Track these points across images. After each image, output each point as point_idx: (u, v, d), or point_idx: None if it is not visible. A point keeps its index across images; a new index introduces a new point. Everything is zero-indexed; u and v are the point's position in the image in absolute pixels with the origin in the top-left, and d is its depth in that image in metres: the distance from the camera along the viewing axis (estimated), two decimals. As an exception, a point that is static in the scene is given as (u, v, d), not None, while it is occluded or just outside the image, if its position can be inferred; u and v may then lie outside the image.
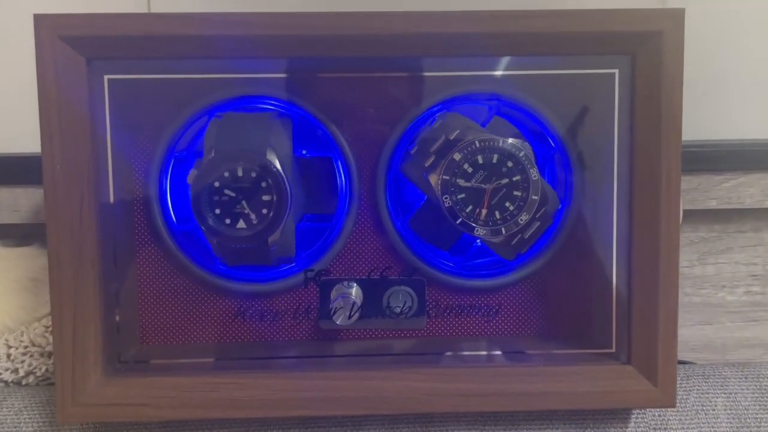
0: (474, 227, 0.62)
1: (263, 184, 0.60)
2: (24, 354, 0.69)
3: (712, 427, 0.66)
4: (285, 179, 0.60)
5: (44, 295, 0.72)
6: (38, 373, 0.69)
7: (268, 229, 0.61)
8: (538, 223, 0.63)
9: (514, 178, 0.61)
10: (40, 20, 0.57)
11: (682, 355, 0.78)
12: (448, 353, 0.65)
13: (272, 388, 0.61)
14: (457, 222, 0.62)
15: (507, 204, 0.62)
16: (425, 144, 0.63)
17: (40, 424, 0.64)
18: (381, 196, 0.64)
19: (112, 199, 0.62)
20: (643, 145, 0.61)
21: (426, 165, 0.62)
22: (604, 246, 0.64)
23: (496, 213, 0.62)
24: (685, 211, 0.77)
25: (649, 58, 0.60)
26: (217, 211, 0.60)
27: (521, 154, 0.61)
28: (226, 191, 0.60)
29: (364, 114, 0.64)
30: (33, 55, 0.58)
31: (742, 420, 0.67)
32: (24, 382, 0.69)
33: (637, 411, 0.66)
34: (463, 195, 0.61)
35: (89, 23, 0.58)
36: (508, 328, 0.66)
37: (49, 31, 0.57)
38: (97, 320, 0.61)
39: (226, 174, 0.60)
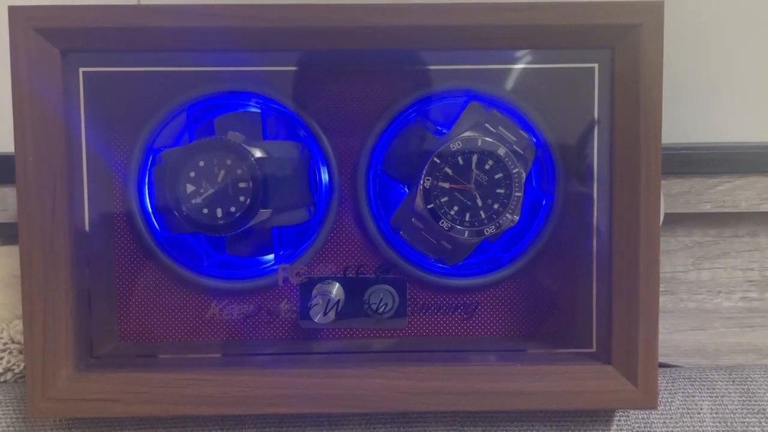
0: (428, 183, 0.61)
1: (231, 209, 0.61)
2: (3, 351, 0.69)
3: (698, 431, 0.65)
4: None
5: (26, 292, 0.72)
6: (16, 370, 0.69)
7: (188, 222, 0.61)
8: (449, 248, 0.63)
9: (495, 205, 0.61)
10: (14, 12, 0.58)
11: (673, 360, 0.77)
12: (426, 352, 0.65)
13: (247, 384, 0.61)
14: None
15: (467, 214, 0.62)
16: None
17: (13, 419, 0.64)
18: (362, 193, 0.64)
19: (86, 195, 0.62)
20: (622, 140, 0.60)
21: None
22: (584, 245, 0.63)
23: (454, 207, 0.61)
24: (679, 215, 0.77)
25: (628, 51, 0.59)
26: (201, 163, 0.61)
27: (509, 221, 0.61)
28: (221, 172, 0.60)
29: (346, 110, 0.64)
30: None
31: (728, 423, 0.66)
32: (2, 379, 0.69)
33: (620, 413, 0.66)
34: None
35: (64, 14, 0.58)
36: (488, 328, 0.66)
37: (24, 22, 0.57)
38: (68, 316, 0.60)
39: (240, 169, 0.60)
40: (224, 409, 0.61)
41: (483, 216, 0.61)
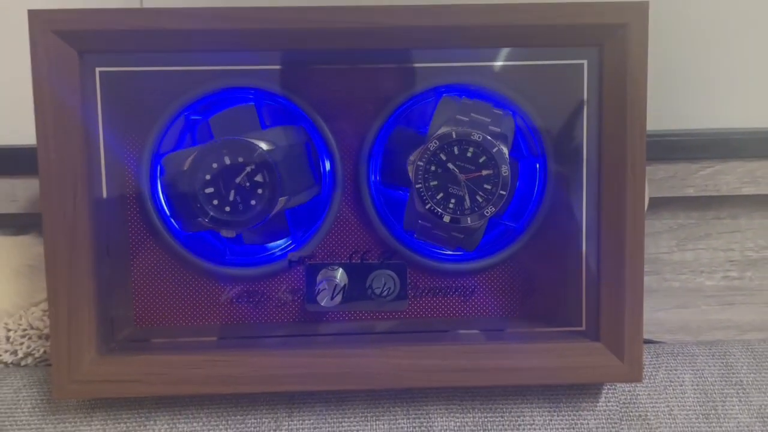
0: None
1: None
2: (23, 336, 0.71)
3: (680, 402, 0.68)
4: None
5: (40, 281, 0.74)
6: (36, 355, 0.71)
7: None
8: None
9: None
10: (33, 15, 0.60)
11: (658, 337, 0.80)
12: (426, 332, 0.67)
13: (259, 365, 0.63)
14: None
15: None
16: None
17: (38, 401, 0.66)
18: (364, 184, 0.66)
19: (104, 188, 0.64)
20: (609, 133, 0.63)
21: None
22: (574, 230, 0.66)
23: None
24: (663, 199, 0.79)
25: (615, 49, 0.62)
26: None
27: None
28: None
29: (347, 105, 0.65)
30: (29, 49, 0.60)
31: (708, 395, 0.69)
32: (23, 363, 0.71)
33: (608, 387, 0.68)
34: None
35: (81, 18, 0.60)
36: (483, 309, 0.68)
37: (43, 25, 0.59)
38: (90, 302, 0.63)
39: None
40: (238, 387, 0.63)
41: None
